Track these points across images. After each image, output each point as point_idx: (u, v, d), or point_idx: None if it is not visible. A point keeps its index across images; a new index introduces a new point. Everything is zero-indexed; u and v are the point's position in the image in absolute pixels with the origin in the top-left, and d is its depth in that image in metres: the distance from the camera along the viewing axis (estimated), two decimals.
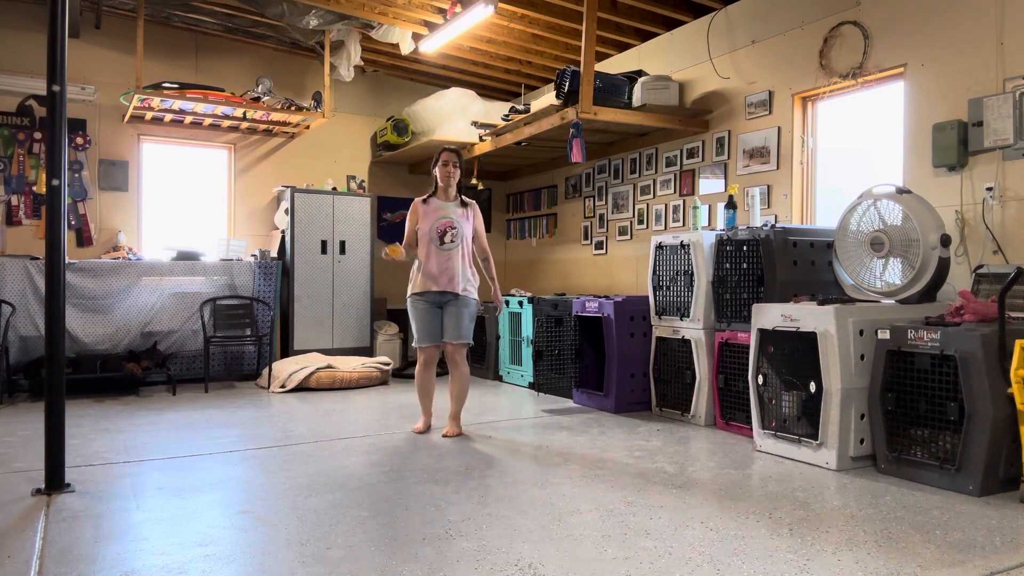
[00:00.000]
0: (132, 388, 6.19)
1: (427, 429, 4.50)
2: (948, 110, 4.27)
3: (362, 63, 7.28)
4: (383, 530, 2.73)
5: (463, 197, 4.54)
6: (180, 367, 6.42)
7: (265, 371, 6.43)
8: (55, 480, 3.23)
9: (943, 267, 3.81)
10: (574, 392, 5.54)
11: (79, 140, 6.65)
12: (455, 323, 4.36)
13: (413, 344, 4.46)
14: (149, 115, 6.80)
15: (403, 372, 7.24)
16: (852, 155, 5.07)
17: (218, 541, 2.62)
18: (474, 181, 7.63)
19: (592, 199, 7.26)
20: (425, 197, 4.50)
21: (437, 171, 4.47)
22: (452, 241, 4.35)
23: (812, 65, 5.04)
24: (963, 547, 2.56)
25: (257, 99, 6.78)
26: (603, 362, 5.28)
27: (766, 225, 4.46)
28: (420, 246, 4.41)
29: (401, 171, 8.38)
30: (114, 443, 4.18)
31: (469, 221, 4.48)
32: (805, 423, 3.81)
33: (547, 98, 6.00)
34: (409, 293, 4.43)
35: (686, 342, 4.83)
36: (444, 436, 4.33)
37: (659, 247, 5.09)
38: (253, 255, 6.98)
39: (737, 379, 4.41)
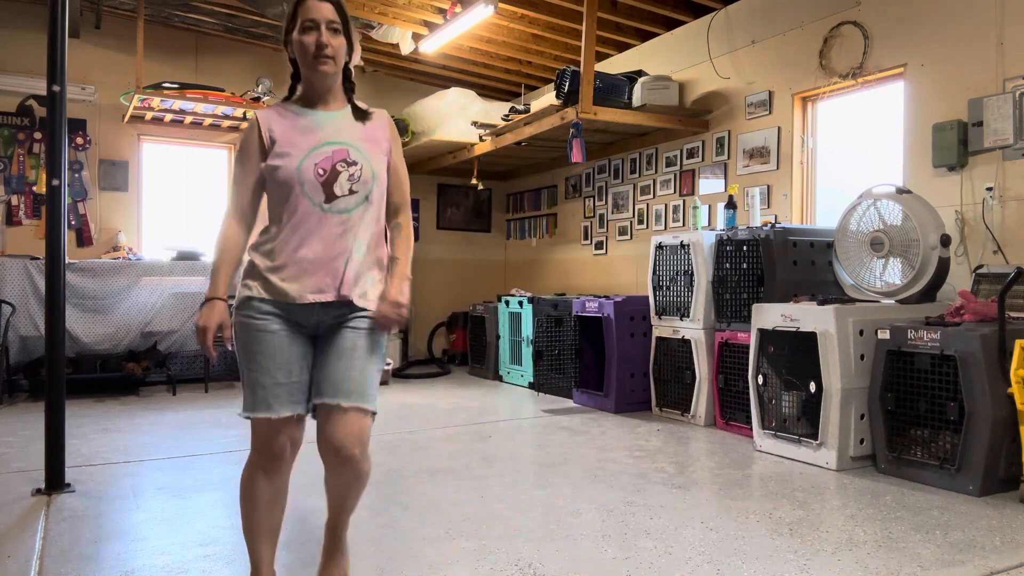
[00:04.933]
0: (132, 388, 6.19)
1: None
2: (948, 110, 4.27)
3: (362, 63, 7.27)
4: (383, 530, 2.73)
5: (358, 103, 2.21)
6: (180, 367, 6.42)
7: None
8: (55, 480, 3.23)
9: (943, 267, 3.81)
10: (574, 392, 5.54)
11: (79, 140, 6.65)
12: (346, 364, 2.01)
13: (240, 413, 2.03)
14: (149, 115, 6.79)
15: (403, 372, 7.25)
16: (852, 155, 5.07)
17: (218, 541, 2.62)
18: (474, 181, 7.63)
19: (592, 199, 7.26)
20: (279, 101, 2.27)
21: (295, 47, 2.20)
22: (352, 192, 2.05)
23: (812, 65, 5.04)
24: (963, 547, 2.56)
25: (257, 99, 6.77)
26: (603, 362, 5.28)
27: (766, 225, 4.46)
28: (271, 206, 2.19)
29: None
30: (114, 443, 4.18)
31: (380, 148, 2.14)
32: (805, 423, 3.81)
33: (547, 98, 6.00)
34: (236, 302, 2.18)
35: (686, 342, 4.82)
36: None
37: (659, 247, 5.09)
38: None
39: (737, 379, 4.41)
